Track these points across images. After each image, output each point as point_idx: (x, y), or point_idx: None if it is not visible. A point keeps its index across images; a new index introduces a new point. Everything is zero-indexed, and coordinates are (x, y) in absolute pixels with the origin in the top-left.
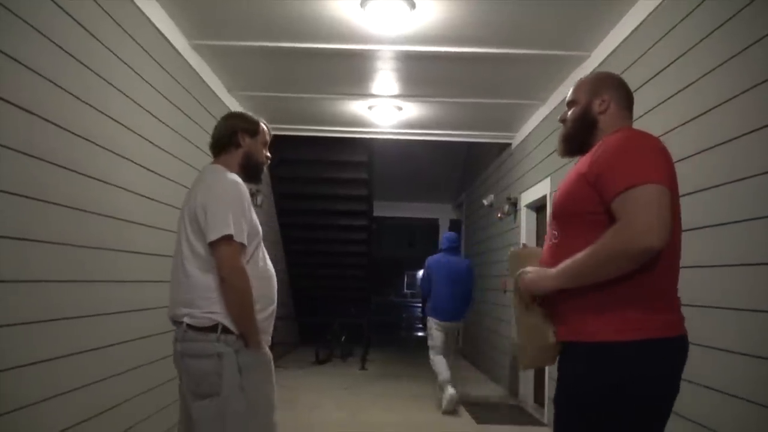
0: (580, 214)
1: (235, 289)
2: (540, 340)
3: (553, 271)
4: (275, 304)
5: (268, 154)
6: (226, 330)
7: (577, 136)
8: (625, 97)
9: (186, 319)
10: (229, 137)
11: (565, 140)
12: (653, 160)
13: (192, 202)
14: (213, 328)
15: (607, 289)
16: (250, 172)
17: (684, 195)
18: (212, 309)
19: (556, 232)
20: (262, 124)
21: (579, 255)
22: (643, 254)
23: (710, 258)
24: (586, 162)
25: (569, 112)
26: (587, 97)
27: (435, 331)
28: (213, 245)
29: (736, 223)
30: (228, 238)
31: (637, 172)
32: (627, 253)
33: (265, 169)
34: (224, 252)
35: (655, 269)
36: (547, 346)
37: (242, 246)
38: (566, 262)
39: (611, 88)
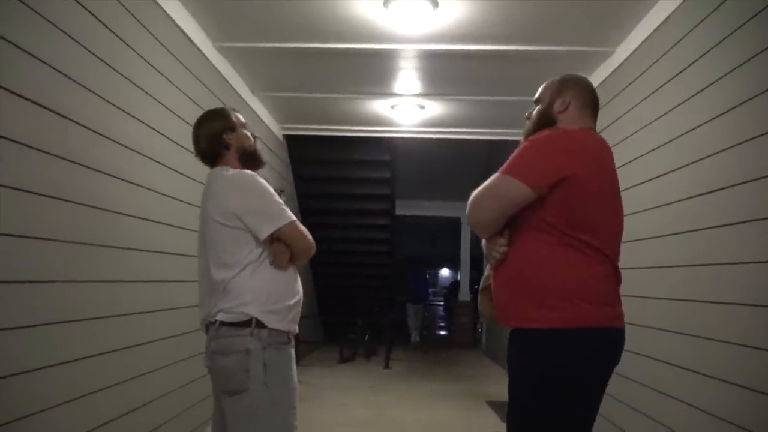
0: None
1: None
2: (481, 286)
3: None
4: (300, 296)
5: (255, 134)
6: (259, 324)
7: (537, 132)
8: (586, 98)
9: (219, 316)
10: (217, 144)
11: (526, 136)
12: (536, 159)
13: (220, 202)
14: (247, 323)
15: (544, 284)
16: (250, 161)
17: (716, 190)
18: (243, 301)
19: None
20: (231, 114)
21: None
22: (470, 224)
23: (736, 255)
24: (508, 160)
25: (533, 110)
26: (550, 97)
27: (409, 309)
28: (279, 234)
29: (760, 220)
30: (292, 224)
31: (508, 165)
32: (467, 217)
33: (271, 158)
34: (294, 232)
35: (586, 266)
36: (481, 290)
37: (297, 222)
38: None
39: (574, 89)
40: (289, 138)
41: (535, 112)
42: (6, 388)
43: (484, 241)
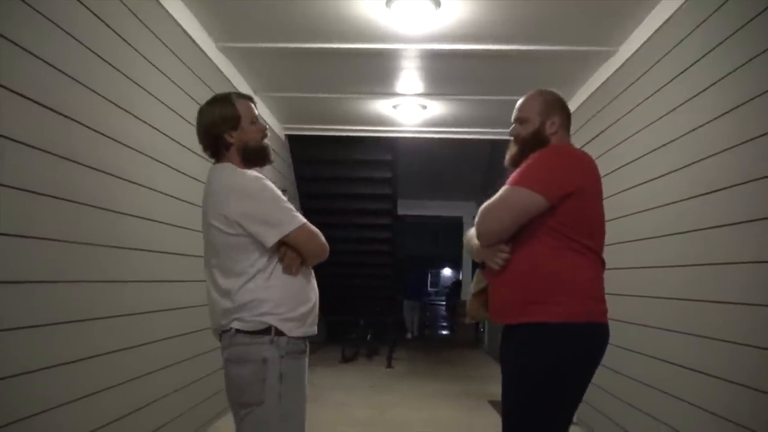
0: None
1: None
2: (473, 291)
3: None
4: (316, 296)
5: (263, 126)
6: (278, 332)
7: (530, 153)
8: (567, 117)
9: (235, 324)
10: (217, 144)
11: (518, 157)
12: (547, 173)
13: (220, 208)
14: (266, 331)
15: (552, 283)
16: (254, 160)
17: (717, 190)
18: (262, 311)
19: None
20: (239, 105)
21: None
22: (479, 233)
23: (737, 255)
24: (514, 173)
25: (521, 129)
26: (539, 117)
27: (405, 306)
28: (287, 240)
29: (761, 220)
30: (300, 228)
31: (519, 177)
32: (476, 227)
33: (274, 154)
34: (303, 236)
35: (587, 267)
36: (475, 294)
37: (307, 224)
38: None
39: (559, 110)
40: (291, 138)
41: (524, 131)
42: (8, 389)
43: (477, 249)
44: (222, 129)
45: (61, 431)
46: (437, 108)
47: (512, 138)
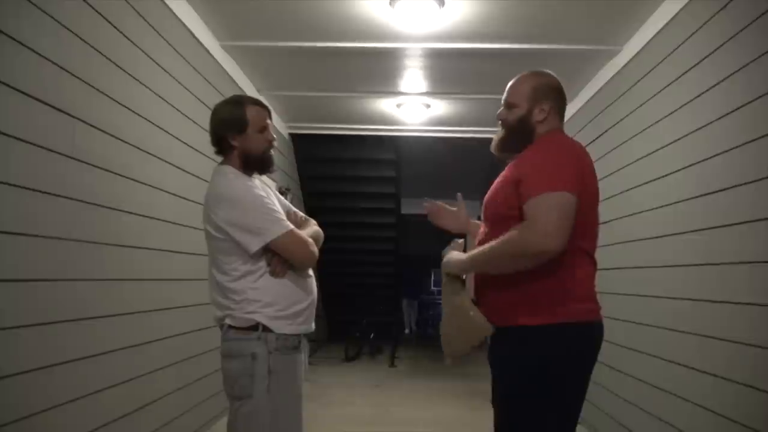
0: (504, 214)
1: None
2: (463, 321)
3: (464, 256)
4: (313, 296)
5: (271, 136)
6: (266, 329)
7: (515, 140)
8: (562, 103)
9: (227, 320)
10: (220, 144)
11: (503, 143)
12: (567, 169)
13: (211, 213)
14: (254, 327)
15: (534, 282)
16: (254, 167)
17: (722, 190)
18: (249, 309)
19: (486, 230)
20: (248, 111)
21: (486, 247)
22: (539, 256)
23: (741, 255)
24: (513, 167)
25: (508, 114)
26: (528, 103)
27: (404, 303)
28: (271, 246)
29: (765, 220)
30: (285, 235)
31: (550, 180)
32: (526, 254)
33: (276, 155)
34: (288, 243)
35: (580, 268)
36: (469, 326)
37: (293, 231)
38: (475, 251)
39: (552, 95)
40: (295, 136)
41: (511, 117)
42: (10, 387)
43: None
44: (227, 131)
45: (63, 430)
46: (441, 107)
47: (499, 121)
